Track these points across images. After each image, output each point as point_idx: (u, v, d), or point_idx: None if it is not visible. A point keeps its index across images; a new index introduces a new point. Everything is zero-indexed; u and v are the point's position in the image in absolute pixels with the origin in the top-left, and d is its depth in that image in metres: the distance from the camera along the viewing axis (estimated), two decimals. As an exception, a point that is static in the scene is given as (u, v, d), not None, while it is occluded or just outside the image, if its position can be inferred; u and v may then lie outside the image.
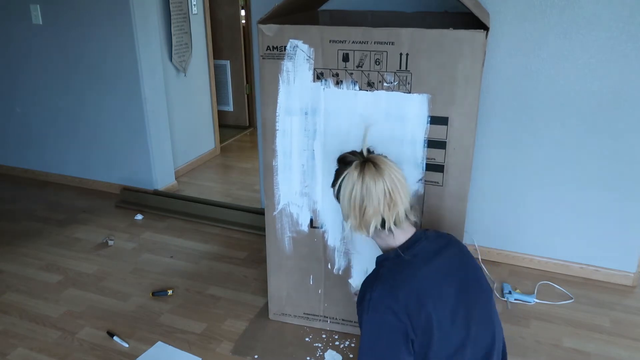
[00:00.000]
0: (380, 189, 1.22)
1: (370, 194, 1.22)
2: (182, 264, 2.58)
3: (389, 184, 1.23)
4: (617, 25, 2.06)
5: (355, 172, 1.24)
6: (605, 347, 1.99)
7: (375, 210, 1.23)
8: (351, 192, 1.24)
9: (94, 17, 3.04)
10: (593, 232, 2.36)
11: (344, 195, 1.26)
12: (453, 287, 1.24)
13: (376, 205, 1.22)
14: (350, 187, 1.24)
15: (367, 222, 1.25)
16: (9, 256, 2.65)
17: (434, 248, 1.29)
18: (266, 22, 1.70)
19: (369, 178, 1.22)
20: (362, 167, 1.25)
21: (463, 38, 1.55)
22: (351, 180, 1.24)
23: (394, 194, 1.23)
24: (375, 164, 1.25)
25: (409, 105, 1.67)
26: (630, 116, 2.15)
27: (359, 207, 1.23)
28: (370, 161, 1.26)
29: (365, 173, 1.23)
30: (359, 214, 1.24)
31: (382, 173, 1.23)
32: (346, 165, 1.30)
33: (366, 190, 1.22)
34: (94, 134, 3.35)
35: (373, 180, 1.22)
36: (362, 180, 1.23)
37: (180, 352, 1.97)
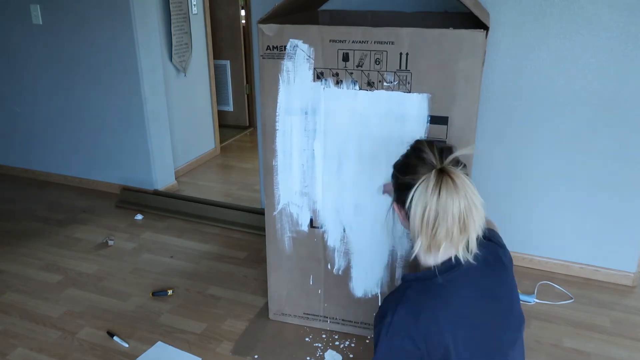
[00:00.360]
0: (456, 208, 1.07)
1: (445, 213, 1.07)
2: (182, 264, 2.58)
3: (463, 204, 1.07)
4: (617, 25, 2.06)
5: (431, 183, 1.08)
6: (605, 347, 1.99)
7: (448, 232, 1.08)
8: (424, 207, 1.08)
9: (94, 17, 3.04)
10: (593, 232, 2.36)
11: (416, 211, 1.09)
12: (481, 320, 1.14)
13: (450, 226, 1.08)
14: (423, 202, 1.08)
15: (438, 243, 1.10)
16: (9, 256, 2.65)
17: (472, 272, 1.15)
18: (266, 22, 1.70)
19: (445, 194, 1.07)
20: (438, 178, 1.08)
21: (463, 38, 1.55)
22: (426, 193, 1.08)
23: (467, 218, 1.08)
24: (452, 178, 1.08)
25: (408, 105, 1.67)
26: (630, 116, 2.15)
27: (432, 225, 1.08)
28: (447, 174, 1.09)
29: (442, 187, 1.07)
30: (431, 233, 1.09)
31: (459, 190, 1.07)
32: (412, 174, 1.13)
33: (442, 208, 1.07)
34: (94, 133, 3.35)
35: (451, 197, 1.07)
36: (439, 195, 1.07)
37: (180, 352, 1.97)
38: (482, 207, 1.10)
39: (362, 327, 2.04)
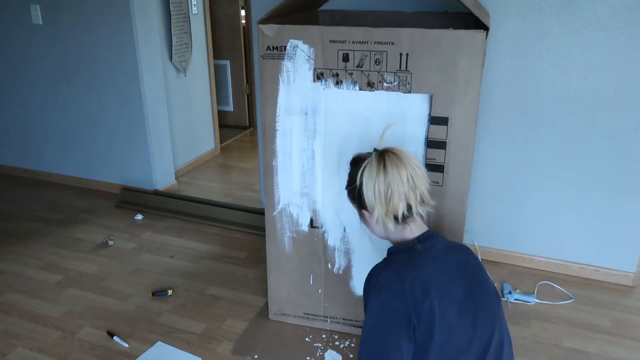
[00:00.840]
0: (403, 174, 1.25)
1: (394, 180, 1.24)
2: (182, 264, 2.58)
3: (409, 169, 1.26)
4: (617, 25, 2.06)
5: (375, 162, 1.27)
6: (605, 347, 1.99)
7: (401, 195, 1.25)
8: (375, 181, 1.25)
9: (94, 17, 3.04)
10: (593, 232, 2.36)
11: (367, 186, 1.27)
12: (460, 287, 1.24)
13: (401, 190, 1.25)
14: (373, 177, 1.26)
15: (395, 208, 1.26)
16: (9, 256, 2.65)
17: (445, 247, 1.31)
18: (266, 22, 1.70)
19: (390, 165, 1.25)
20: (382, 157, 1.27)
21: (463, 38, 1.55)
22: (373, 170, 1.26)
23: (416, 178, 1.27)
24: (393, 153, 1.28)
25: (409, 106, 1.67)
26: (630, 116, 2.15)
27: (384, 194, 1.25)
28: (389, 151, 1.28)
29: (387, 161, 1.26)
30: (385, 201, 1.26)
31: (403, 160, 1.26)
32: (361, 162, 1.31)
33: (391, 177, 1.24)
34: (94, 133, 3.35)
35: (396, 167, 1.25)
36: (384, 168, 1.25)
37: (180, 352, 1.97)
38: (424, 168, 1.31)
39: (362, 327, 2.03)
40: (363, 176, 1.28)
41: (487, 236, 2.54)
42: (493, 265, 2.52)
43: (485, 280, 1.30)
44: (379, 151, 1.30)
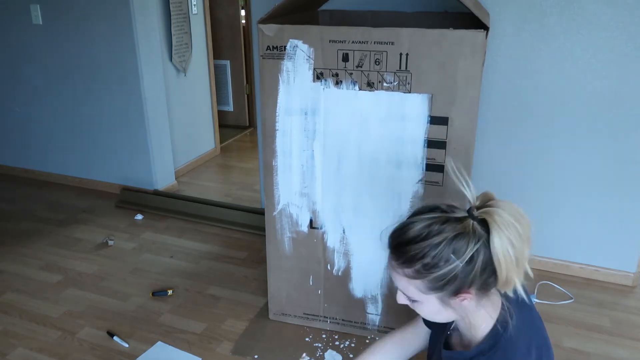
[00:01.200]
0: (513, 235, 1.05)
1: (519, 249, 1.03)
2: (182, 264, 2.58)
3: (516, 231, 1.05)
4: (617, 25, 2.06)
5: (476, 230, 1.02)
6: (605, 347, 1.99)
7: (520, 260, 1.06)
8: (502, 250, 1.04)
9: (94, 17, 3.04)
10: (593, 232, 2.36)
11: (499, 260, 1.04)
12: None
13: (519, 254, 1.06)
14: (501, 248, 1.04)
15: (523, 272, 1.08)
16: (9, 256, 2.65)
17: (522, 310, 1.13)
18: (266, 22, 1.70)
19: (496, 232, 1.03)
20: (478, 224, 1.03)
21: (463, 38, 1.55)
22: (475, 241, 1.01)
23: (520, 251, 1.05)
24: (492, 216, 1.05)
25: (409, 106, 1.67)
26: (631, 116, 2.15)
27: (515, 259, 1.05)
28: (485, 214, 1.04)
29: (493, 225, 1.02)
30: (518, 266, 1.06)
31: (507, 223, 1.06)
32: (461, 253, 0.99)
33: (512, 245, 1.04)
34: (94, 133, 3.35)
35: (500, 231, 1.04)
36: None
37: (180, 352, 1.97)
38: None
39: (362, 328, 2.04)
40: (493, 237, 1.04)
41: (487, 236, 2.54)
42: (493, 265, 2.52)
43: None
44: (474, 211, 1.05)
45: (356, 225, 1.87)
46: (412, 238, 1.01)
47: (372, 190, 1.81)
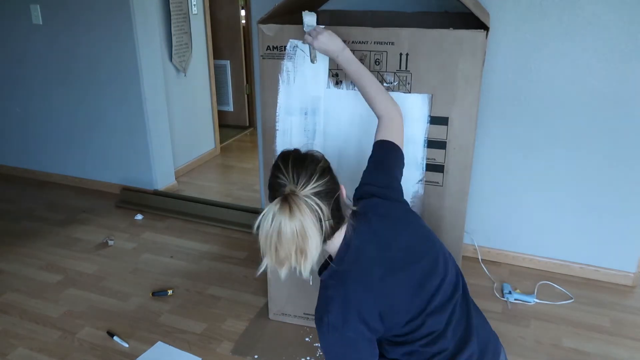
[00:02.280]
0: (289, 233, 1.13)
1: (280, 237, 1.14)
2: (182, 264, 2.58)
3: (297, 229, 1.13)
4: (617, 25, 2.06)
5: (274, 209, 1.14)
6: (605, 347, 1.99)
7: (287, 255, 1.17)
8: (266, 231, 1.16)
9: (94, 17, 3.04)
10: (593, 232, 2.36)
11: (261, 234, 1.18)
12: (398, 273, 1.24)
13: (287, 250, 1.16)
14: (265, 227, 1.16)
15: (281, 263, 1.20)
16: (9, 256, 2.65)
17: (364, 241, 1.25)
18: (266, 22, 1.70)
19: (281, 219, 1.13)
20: (282, 204, 1.14)
21: (463, 38, 1.55)
22: (267, 218, 1.15)
23: (304, 243, 1.14)
24: (290, 205, 1.13)
25: (409, 105, 1.67)
26: (630, 116, 2.15)
27: (273, 247, 1.18)
28: (289, 200, 1.14)
29: (279, 213, 1.13)
30: (275, 254, 1.19)
31: (293, 217, 1.12)
32: (271, 196, 1.21)
33: (276, 232, 1.15)
34: (94, 133, 3.35)
35: (285, 222, 1.13)
36: (273, 221, 1.14)
37: (180, 352, 1.97)
38: (316, 234, 1.14)
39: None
40: (265, 213, 1.17)
41: (487, 236, 2.54)
42: (493, 265, 2.52)
43: (415, 245, 1.29)
44: (288, 194, 1.16)
45: (356, 225, 1.87)
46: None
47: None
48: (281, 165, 1.20)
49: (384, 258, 1.24)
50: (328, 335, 1.21)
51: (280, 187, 1.18)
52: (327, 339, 1.22)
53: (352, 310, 1.20)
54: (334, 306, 1.21)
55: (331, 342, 1.22)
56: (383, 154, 1.42)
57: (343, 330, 1.19)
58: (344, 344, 1.21)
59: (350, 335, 1.20)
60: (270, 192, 1.24)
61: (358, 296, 1.21)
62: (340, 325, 1.19)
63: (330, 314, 1.20)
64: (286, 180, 1.18)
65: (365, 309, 1.20)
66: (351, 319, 1.19)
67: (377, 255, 1.24)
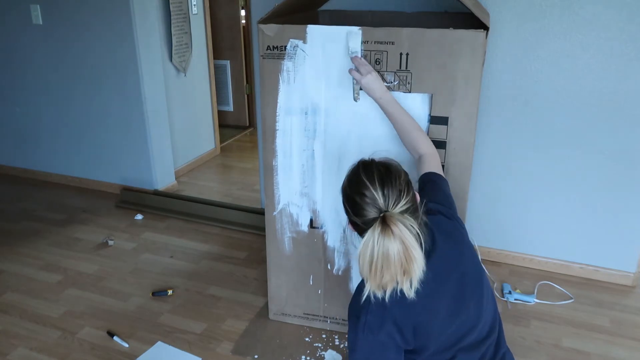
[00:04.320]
0: (396, 254, 1.09)
1: (388, 260, 1.10)
2: (182, 264, 2.58)
3: (401, 250, 1.10)
4: (617, 25, 2.06)
5: (377, 232, 1.10)
6: (605, 347, 1.99)
7: (392, 277, 1.12)
8: (371, 257, 1.11)
9: (94, 17, 3.04)
10: (593, 232, 2.36)
11: (364, 259, 1.12)
12: (447, 296, 1.22)
13: (393, 272, 1.11)
14: (370, 251, 1.10)
15: (384, 286, 1.14)
16: (9, 256, 2.65)
17: (430, 251, 1.22)
18: (266, 22, 1.70)
19: (386, 241, 1.09)
20: (384, 227, 1.10)
21: (463, 38, 1.55)
22: (372, 241, 1.10)
23: (408, 264, 1.11)
24: (391, 227, 1.10)
25: (409, 105, 1.67)
26: (630, 116, 2.15)
27: (379, 272, 1.12)
28: (388, 222, 1.10)
29: (384, 235, 1.10)
30: (379, 278, 1.13)
31: (395, 238, 1.09)
32: (360, 217, 1.16)
33: (385, 256, 1.10)
34: (94, 133, 3.35)
35: (391, 244, 1.09)
36: (383, 244, 1.10)
37: (180, 352, 1.97)
38: (420, 253, 1.11)
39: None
40: (364, 240, 1.12)
41: (487, 236, 2.54)
42: (493, 265, 2.52)
43: (475, 269, 1.29)
44: (385, 217, 1.12)
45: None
46: None
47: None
48: (367, 183, 1.15)
49: (438, 277, 1.21)
50: (361, 334, 1.20)
51: (371, 207, 1.14)
52: (359, 337, 1.20)
53: (390, 316, 1.18)
54: (374, 308, 1.19)
55: (362, 341, 1.20)
56: (438, 181, 1.44)
57: (377, 333, 1.18)
58: (375, 346, 1.20)
59: (382, 340, 1.19)
60: (354, 210, 1.18)
61: (400, 304, 1.18)
62: (376, 328, 1.18)
63: (369, 314, 1.19)
64: (377, 200, 1.14)
65: (403, 318, 1.19)
66: (388, 324, 1.18)
67: (432, 271, 1.19)
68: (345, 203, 1.22)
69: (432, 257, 1.22)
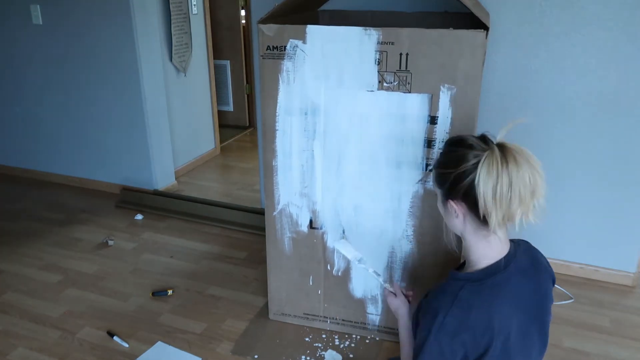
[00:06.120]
0: (526, 175, 1.10)
1: (518, 181, 1.10)
2: (182, 264, 2.58)
3: (533, 171, 1.12)
4: (617, 25, 2.06)
5: (499, 156, 1.11)
6: (605, 347, 1.99)
7: (522, 199, 1.11)
8: (497, 179, 1.09)
9: (94, 17, 3.04)
10: (593, 232, 2.36)
11: (486, 183, 1.09)
12: (521, 320, 1.17)
13: (522, 194, 1.10)
14: (495, 174, 1.09)
15: (513, 214, 1.12)
16: (9, 256, 2.65)
17: (519, 272, 1.19)
18: (266, 22, 1.70)
19: (515, 164, 1.10)
20: (505, 152, 1.13)
21: (463, 38, 1.55)
22: (496, 165, 1.10)
23: (537, 183, 1.12)
24: (516, 150, 1.13)
25: (409, 105, 1.67)
26: (630, 116, 2.15)
27: (505, 196, 1.10)
28: (511, 147, 1.14)
29: (511, 159, 1.11)
30: (506, 205, 1.11)
31: (527, 159, 1.13)
32: (472, 149, 1.16)
33: (515, 177, 1.10)
34: (94, 133, 3.35)
35: (521, 165, 1.11)
36: (508, 165, 1.10)
37: (180, 352, 1.97)
38: (543, 173, 1.13)
39: (362, 328, 2.04)
40: (482, 169, 1.10)
41: (487, 236, 2.54)
42: (493, 265, 2.52)
43: (547, 309, 1.24)
44: (501, 144, 1.15)
45: (356, 225, 1.87)
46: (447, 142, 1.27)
47: (372, 190, 1.81)
48: (463, 138, 1.19)
49: (523, 307, 1.17)
50: (435, 332, 1.13)
51: (474, 148, 1.15)
52: (430, 339, 1.14)
53: (469, 325, 1.13)
54: (458, 311, 1.13)
55: (433, 343, 1.14)
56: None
57: (452, 338, 1.13)
58: (444, 348, 1.13)
59: (454, 346, 1.13)
60: (456, 164, 1.15)
61: (480, 317, 1.13)
62: (451, 332, 1.12)
63: (449, 316, 1.13)
64: (477, 142, 1.17)
65: (479, 332, 1.13)
66: (463, 332, 1.13)
67: (518, 298, 1.17)
68: (443, 170, 1.19)
69: (521, 280, 1.20)
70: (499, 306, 1.14)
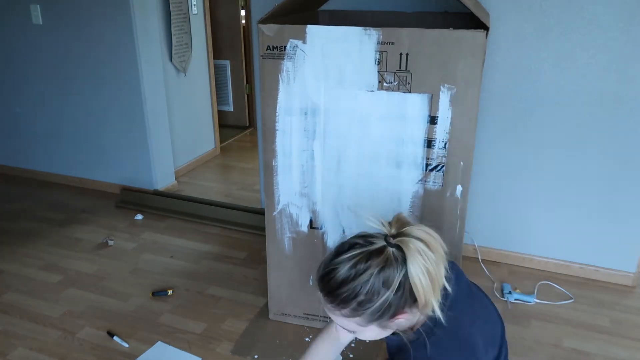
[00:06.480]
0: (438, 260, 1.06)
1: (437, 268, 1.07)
2: (182, 264, 2.58)
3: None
4: (617, 25, 2.06)
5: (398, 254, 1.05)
6: (605, 347, 1.99)
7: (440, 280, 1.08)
8: (423, 275, 1.04)
9: (94, 17, 3.04)
10: (593, 232, 2.36)
11: (422, 285, 1.04)
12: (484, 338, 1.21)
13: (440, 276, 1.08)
14: (420, 273, 1.04)
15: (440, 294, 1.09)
16: (9, 256, 2.65)
17: (460, 292, 1.19)
18: (266, 22, 1.70)
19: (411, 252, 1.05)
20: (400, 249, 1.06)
21: (463, 38, 1.55)
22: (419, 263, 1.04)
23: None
24: (405, 246, 1.05)
25: (409, 106, 1.67)
26: (630, 116, 2.15)
27: (435, 282, 1.06)
28: (399, 244, 1.06)
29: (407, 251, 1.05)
30: (438, 288, 1.08)
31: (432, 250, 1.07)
32: (390, 284, 1.05)
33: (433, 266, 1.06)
34: (94, 133, 3.35)
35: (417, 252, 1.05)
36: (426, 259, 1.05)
37: (180, 352, 1.97)
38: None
39: (362, 327, 2.03)
40: (408, 263, 1.03)
41: (487, 236, 2.54)
42: (493, 265, 2.52)
43: (495, 324, 1.30)
44: (391, 243, 1.07)
45: (356, 225, 1.87)
46: (341, 281, 1.06)
47: (372, 190, 1.81)
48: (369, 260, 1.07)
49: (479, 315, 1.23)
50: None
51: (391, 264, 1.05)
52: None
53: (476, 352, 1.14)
54: (456, 353, 1.12)
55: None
56: None
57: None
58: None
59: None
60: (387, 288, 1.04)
61: (476, 340, 1.15)
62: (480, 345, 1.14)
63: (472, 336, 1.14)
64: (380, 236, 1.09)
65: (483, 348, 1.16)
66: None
67: (474, 309, 1.22)
68: (370, 303, 1.06)
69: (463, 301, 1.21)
70: (470, 331, 1.17)
